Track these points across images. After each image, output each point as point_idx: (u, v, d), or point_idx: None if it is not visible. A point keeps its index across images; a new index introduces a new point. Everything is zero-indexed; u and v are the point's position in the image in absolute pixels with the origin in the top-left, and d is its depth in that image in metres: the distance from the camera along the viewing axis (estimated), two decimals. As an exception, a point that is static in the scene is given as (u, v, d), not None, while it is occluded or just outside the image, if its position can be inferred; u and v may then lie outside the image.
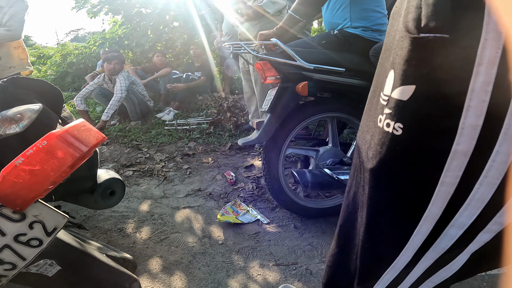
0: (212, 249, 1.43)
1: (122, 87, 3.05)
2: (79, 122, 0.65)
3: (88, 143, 0.62)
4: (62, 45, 7.68)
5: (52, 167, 0.55)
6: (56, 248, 0.71)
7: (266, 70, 1.40)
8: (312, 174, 1.37)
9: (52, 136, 0.58)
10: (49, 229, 0.61)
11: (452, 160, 0.29)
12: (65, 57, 6.18)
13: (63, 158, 0.56)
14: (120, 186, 0.98)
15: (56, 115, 0.79)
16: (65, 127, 0.61)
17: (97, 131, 0.67)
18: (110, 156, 2.49)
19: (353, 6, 1.43)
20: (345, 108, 1.52)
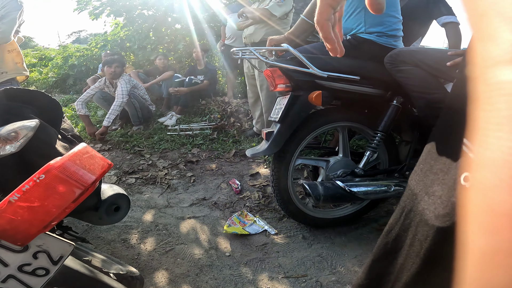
0: (219, 261, 1.39)
1: (124, 91, 2.99)
2: (81, 148, 0.59)
3: (93, 172, 0.56)
4: (63, 47, 7.66)
5: (54, 203, 0.49)
6: (64, 276, 0.67)
7: (276, 77, 1.35)
8: (324, 186, 1.32)
9: (50, 168, 0.52)
10: (54, 257, 0.56)
11: None
12: (66, 59, 6.15)
13: (66, 193, 0.51)
14: (125, 201, 0.94)
15: (55, 131, 0.74)
16: (66, 156, 0.55)
17: (102, 158, 0.61)
18: (112, 162, 2.44)
19: (368, 11, 1.38)
20: (357, 117, 1.47)
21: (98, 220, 0.88)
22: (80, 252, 1.02)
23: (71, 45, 8.54)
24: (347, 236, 1.56)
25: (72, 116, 3.67)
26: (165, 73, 3.97)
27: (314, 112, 1.48)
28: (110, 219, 0.91)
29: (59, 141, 0.81)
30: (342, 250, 1.45)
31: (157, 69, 4.26)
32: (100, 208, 0.86)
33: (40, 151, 0.70)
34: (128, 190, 2.03)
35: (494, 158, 0.11)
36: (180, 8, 4.78)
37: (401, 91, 1.34)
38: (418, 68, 1.24)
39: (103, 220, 0.88)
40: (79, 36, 21.24)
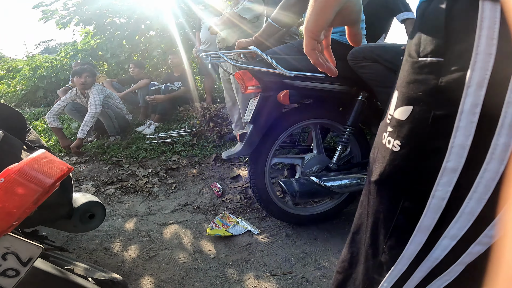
0: (204, 264, 1.40)
1: (96, 101, 2.92)
2: (40, 153, 0.62)
3: (51, 175, 0.59)
4: (31, 58, 7.35)
5: (14, 205, 0.52)
6: (36, 278, 0.68)
7: (246, 79, 1.39)
8: (299, 183, 1.37)
9: (9, 172, 0.55)
10: (23, 259, 0.58)
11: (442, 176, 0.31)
12: (35, 70, 5.92)
13: (25, 195, 0.54)
14: (99, 209, 0.94)
15: (20, 142, 0.75)
16: (24, 161, 0.58)
17: (62, 162, 0.64)
18: (89, 174, 2.39)
19: None
20: (327, 113, 1.53)
21: (73, 228, 0.88)
22: (61, 262, 1.00)
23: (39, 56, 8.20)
24: (330, 231, 1.60)
25: (44, 130, 3.55)
26: (140, 81, 3.91)
27: (285, 111, 1.53)
28: (85, 227, 0.91)
29: (25, 152, 0.81)
30: (325, 245, 1.49)
31: (131, 77, 4.19)
32: (73, 216, 0.87)
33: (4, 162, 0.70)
34: (107, 200, 2.00)
35: None
36: (155, 16, 4.74)
37: (365, 86, 1.41)
38: (377, 64, 1.31)
39: (78, 228, 0.89)
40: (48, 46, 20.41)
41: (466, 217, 0.31)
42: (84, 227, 0.93)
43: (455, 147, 0.30)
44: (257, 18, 2.43)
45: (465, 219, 0.31)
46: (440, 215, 0.33)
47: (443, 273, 0.35)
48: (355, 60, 1.36)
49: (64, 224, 0.90)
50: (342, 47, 1.45)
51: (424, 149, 0.33)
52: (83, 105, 3.14)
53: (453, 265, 0.34)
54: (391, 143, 0.36)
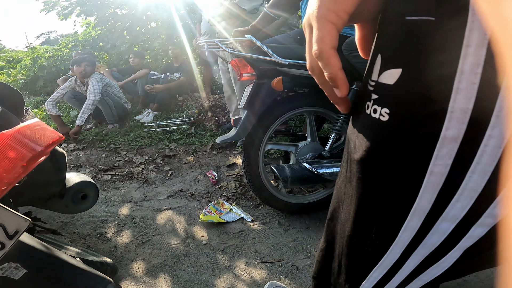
0: (196, 249, 1.41)
1: (95, 89, 2.94)
2: (33, 121, 0.63)
3: (42, 142, 0.60)
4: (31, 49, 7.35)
5: (4, 168, 0.52)
6: (20, 252, 0.69)
7: (242, 67, 1.39)
8: (291, 169, 1.38)
9: (3, 136, 0.56)
10: (10, 232, 0.59)
11: (441, 147, 0.27)
12: (35, 60, 5.93)
13: (15, 158, 0.54)
14: (93, 189, 0.95)
15: (17, 118, 0.76)
16: (17, 127, 0.59)
17: (53, 131, 0.65)
18: (86, 161, 2.41)
19: None
20: (321, 102, 1.53)
21: (64, 208, 0.89)
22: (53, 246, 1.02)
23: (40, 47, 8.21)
24: (322, 221, 1.61)
25: (43, 118, 3.56)
26: (139, 71, 3.92)
27: (280, 98, 1.53)
28: (77, 207, 0.92)
29: None
30: (316, 234, 1.50)
31: (131, 67, 4.20)
32: (65, 195, 0.87)
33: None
34: (103, 186, 2.02)
35: None
36: (156, 7, 4.72)
37: (358, 75, 1.41)
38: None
39: (69, 208, 0.90)
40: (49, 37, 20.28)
41: (468, 194, 0.27)
42: (76, 208, 0.94)
43: (455, 111, 0.26)
44: (256, 10, 2.41)
45: (467, 197, 0.27)
46: (438, 194, 0.29)
47: (440, 260, 0.31)
48: (349, 50, 1.36)
49: (56, 203, 0.91)
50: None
51: (417, 116, 0.29)
52: (82, 93, 3.16)
53: (451, 251, 0.30)
54: (378, 112, 0.32)
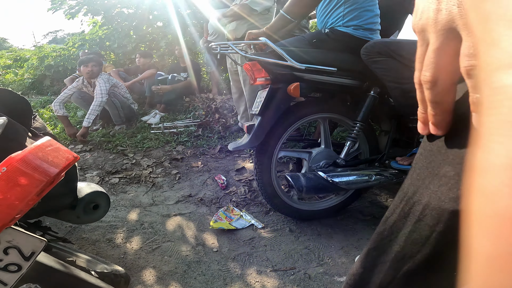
0: (207, 257, 1.39)
1: (102, 90, 2.91)
2: (45, 141, 0.58)
3: (57, 165, 0.55)
4: (39, 48, 7.39)
5: (16, 196, 0.49)
6: (38, 272, 0.66)
7: (256, 71, 1.35)
8: (306, 178, 1.34)
9: (11, 161, 0.51)
10: (26, 253, 0.56)
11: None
12: (42, 59, 5.95)
13: (28, 185, 0.50)
14: (104, 199, 0.92)
15: (24, 128, 0.72)
16: (27, 149, 0.54)
17: (67, 150, 0.60)
18: (94, 163, 2.39)
19: (346, 5, 1.40)
20: (336, 108, 1.49)
21: (76, 219, 0.86)
22: (63, 253, 1.00)
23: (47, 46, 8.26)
24: (333, 228, 1.58)
25: (50, 118, 3.56)
26: (146, 72, 3.90)
27: (294, 104, 1.50)
28: (89, 218, 0.89)
29: (29, 139, 0.79)
30: (328, 242, 1.47)
31: (138, 67, 4.18)
32: (77, 206, 0.84)
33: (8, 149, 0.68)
34: (111, 190, 2.00)
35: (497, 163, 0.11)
36: (162, 6, 4.69)
37: (377, 82, 1.37)
38: (391, 59, 1.27)
39: (81, 219, 0.87)
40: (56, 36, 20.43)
41: None
42: (87, 218, 0.91)
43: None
44: (267, 11, 2.38)
45: None
46: None
47: None
48: (368, 55, 1.32)
49: (67, 214, 0.89)
50: (355, 40, 1.42)
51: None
52: (89, 94, 3.14)
53: None
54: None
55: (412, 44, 1.26)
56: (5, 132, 0.66)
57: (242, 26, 2.39)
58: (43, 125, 1.02)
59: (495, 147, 0.11)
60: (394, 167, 1.45)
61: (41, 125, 1.00)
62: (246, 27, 2.37)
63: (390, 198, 1.90)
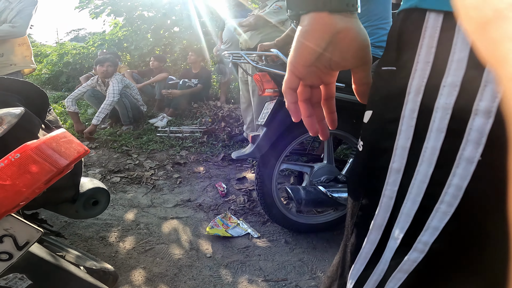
0: (199, 262, 1.38)
1: (115, 90, 2.98)
2: (59, 132, 0.60)
3: (68, 156, 0.56)
4: (60, 44, 7.61)
5: (25, 183, 0.49)
6: (27, 262, 0.66)
7: (265, 82, 1.37)
8: (306, 191, 1.34)
9: (26, 148, 0.53)
10: (20, 243, 0.56)
11: (389, 176, 0.33)
12: (62, 56, 6.10)
13: (38, 173, 0.51)
14: (105, 196, 0.93)
15: (39, 120, 0.74)
16: (42, 138, 0.55)
17: (79, 143, 0.62)
18: (97, 161, 2.42)
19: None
20: (342, 125, 1.49)
21: (74, 213, 0.87)
22: (54, 247, 1.00)
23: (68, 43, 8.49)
24: (329, 242, 1.57)
25: (61, 113, 3.63)
26: (159, 75, 3.97)
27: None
28: (87, 213, 0.90)
29: (42, 131, 0.81)
30: (323, 256, 1.46)
31: (151, 70, 4.26)
32: (77, 201, 0.85)
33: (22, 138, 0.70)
34: (111, 188, 2.01)
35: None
36: (180, 12, 4.81)
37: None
38: None
39: (79, 214, 0.88)
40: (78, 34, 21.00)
41: (405, 218, 0.32)
42: (86, 213, 0.92)
43: (398, 149, 0.32)
44: (282, 23, 2.42)
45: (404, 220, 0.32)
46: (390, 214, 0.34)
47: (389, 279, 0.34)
48: None
49: (66, 208, 0.89)
50: None
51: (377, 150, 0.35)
52: (102, 92, 3.21)
53: (395, 271, 0.33)
54: (359, 144, 0.39)
55: None
56: (21, 122, 0.67)
57: (256, 37, 2.43)
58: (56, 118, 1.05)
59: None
60: None
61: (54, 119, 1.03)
62: (259, 38, 2.41)
63: None
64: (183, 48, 4.96)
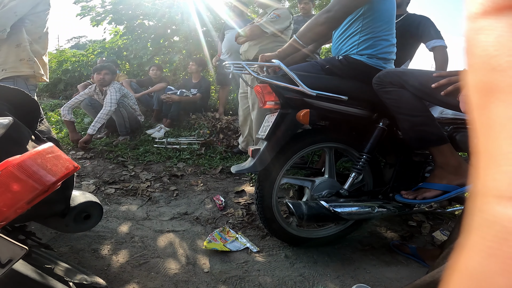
0: (196, 277, 1.32)
1: (113, 99, 2.93)
2: (46, 147, 0.56)
3: (54, 173, 0.52)
4: (60, 51, 7.60)
5: (5, 202, 0.45)
6: (11, 280, 0.61)
7: (266, 94, 1.35)
8: (307, 206, 1.30)
9: (8, 164, 0.49)
10: (3, 260, 0.51)
11: None
12: (61, 63, 6.07)
13: (20, 192, 0.47)
14: (97, 210, 0.88)
15: (29, 131, 0.71)
16: (27, 154, 0.51)
17: (68, 159, 0.58)
18: (92, 171, 2.36)
19: (362, 33, 1.40)
20: (344, 138, 1.47)
21: (64, 227, 0.82)
22: (42, 259, 0.94)
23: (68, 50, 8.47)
24: (330, 256, 1.53)
25: (57, 122, 3.58)
26: (157, 85, 3.95)
27: (301, 131, 1.48)
28: (78, 227, 0.85)
29: (32, 142, 0.77)
30: (324, 270, 1.42)
31: (150, 80, 4.24)
32: (68, 215, 0.81)
33: (8, 150, 0.66)
34: (105, 200, 1.95)
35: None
36: (181, 20, 4.82)
37: (387, 113, 1.35)
38: (404, 90, 1.24)
39: (69, 228, 0.83)
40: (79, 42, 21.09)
41: None
42: (76, 227, 0.88)
43: None
44: (281, 33, 2.36)
45: None
46: None
47: None
48: (380, 85, 1.30)
49: (55, 222, 0.85)
50: (368, 69, 1.41)
51: None
52: (99, 101, 3.16)
53: None
54: None
55: (425, 75, 1.23)
56: (8, 133, 0.64)
57: (254, 48, 2.39)
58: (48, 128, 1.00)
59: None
60: (398, 200, 1.40)
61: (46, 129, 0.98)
62: (257, 48, 2.37)
63: (390, 230, 1.84)
64: (182, 58, 4.96)
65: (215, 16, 4.74)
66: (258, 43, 2.38)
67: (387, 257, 1.56)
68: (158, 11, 4.82)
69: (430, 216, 1.98)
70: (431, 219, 1.96)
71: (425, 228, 1.84)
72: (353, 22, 1.42)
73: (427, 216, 1.96)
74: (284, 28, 2.36)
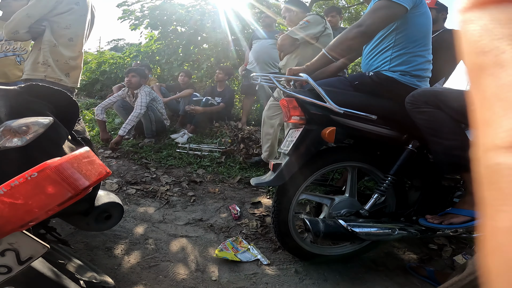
0: (203, 284, 1.31)
1: (143, 102, 3.05)
2: (83, 151, 0.58)
3: (88, 178, 0.53)
4: (100, 53, 8.04)
5: (38, 204, 0.46)
6: (26, 277, 0.62)
7: (292, 108, 1.33)
8: (325, 224, 1.25)
9: (45, 166, 0.50)
10: (23, 258, 0.53)
11: None
12: (100, 64, 6.39)
13: (53, 195, 0.48)
14: (118, 211, 0.90)
15: (66, 131, 0.74)
16: (65, 157, 0.53)
17: (101, 164, 0.59)
18: (116, 171, 2.44)
19: (395, 49, 1.34)
20: (368, 158, 1.42)
21: (85, 225, 0.85)
22: (57, 254, 0.97)
23: (108, 52, 8.92)
24: (341, 274, 1.47)
25: (90, 120, 3.77)
26: (184, 91, 4.05)
27: (325, 148, 1.44)
28: (98, 227, 0.88)
29: (68, 142, 0.80)
30: (332, 288, 1.36)
31: (178, 85, 4.36)
32: (91, 214, 0.83)
33: (46, 149, 0.69)
34: (126, 200, 2.00)
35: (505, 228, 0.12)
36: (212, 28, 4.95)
37: (418, 134, 1.27)
38: (439, 111, 1.16)
39: (90, 226, 0.85)
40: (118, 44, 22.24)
41: None
42: (96, 227, 0.90)
43: None
44: (316, 39, 2.15)
45: None
46: None
47: None
48: (414, 104, 1.22)
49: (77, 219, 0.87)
50: (400, 87, 1.33)
51: None
52: (130, 104, 3.30)
53: None
54: None
55: (465, 96, 1.15)
56: (47, 132, 0.67)
57: (293, 61, 2.21)
58: (83, 129, 1.05)
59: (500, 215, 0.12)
60: (422, 224, 1.31)
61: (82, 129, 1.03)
62: (296, 61, 2.18)
63: (408, 251, 1.74)
64: (210, 66, 5.07)
65: (244, 25, 4.82)
66: (297, 56, 2.21)
67: (401, 279, 1.48)
68: (191, 18, 4.98)
69: (454, 240, 1.85)
70: (454, 243, 1.83)
71: (447, 252, 1.72)
72: (386, 37, 1.36)
73: (449, 240, 1.83)
74: (316, 34, 2.16)
